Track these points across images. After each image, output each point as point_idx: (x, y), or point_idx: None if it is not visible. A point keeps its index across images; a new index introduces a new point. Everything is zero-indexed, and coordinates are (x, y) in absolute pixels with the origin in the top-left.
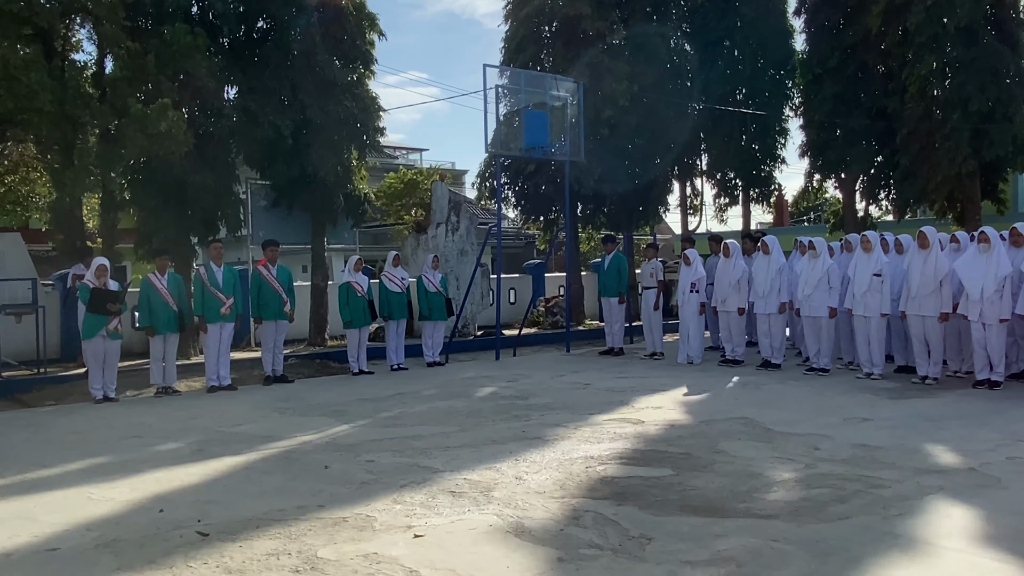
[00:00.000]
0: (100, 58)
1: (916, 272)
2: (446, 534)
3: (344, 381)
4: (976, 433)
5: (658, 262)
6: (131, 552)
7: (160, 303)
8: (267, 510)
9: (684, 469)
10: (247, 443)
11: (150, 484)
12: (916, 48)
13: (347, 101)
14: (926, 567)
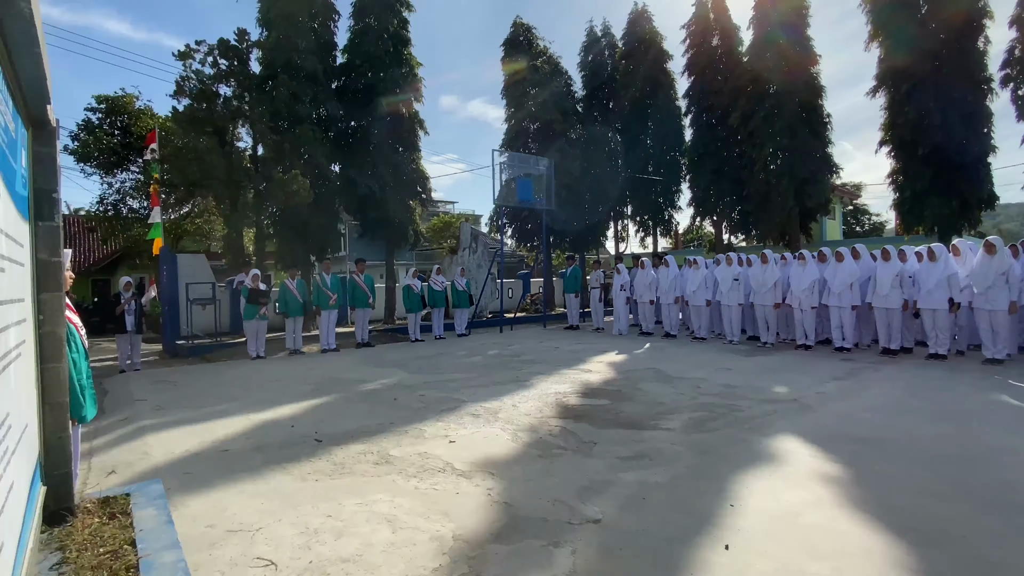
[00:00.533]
0: (254, 145)
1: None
2: (470, 440)
3: (406, 346)
4: (798, 378)
5: (600, 272)
6: (273, 451)
7: (292, 298)
8: (358, 426)
9: (616, 400)
10: (346, 384)
11: (285, 410)
12: (759, 139)
13: (406, 173)
14: (767, 459)
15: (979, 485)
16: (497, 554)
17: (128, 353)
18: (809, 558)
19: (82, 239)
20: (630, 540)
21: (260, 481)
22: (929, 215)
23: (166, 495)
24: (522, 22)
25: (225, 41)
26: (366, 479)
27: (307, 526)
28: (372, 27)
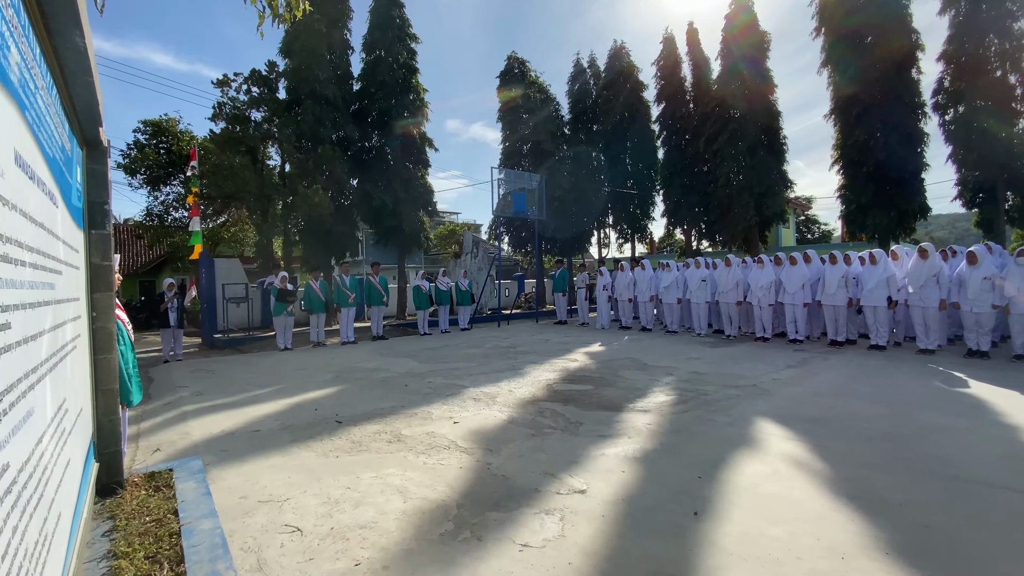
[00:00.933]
0: (282, 163)
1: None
2: (471, 421)
3: (415, 339)
4: (756, 366)
5: (586, 274)
6: (300, 431)
7: (315, 297)
8: (373, 409)
9: (599, 385)
10: (363, 373)
11: (310, 394)
12: (723, 158)
13: (417, 188)
14: (730, 436)
15: (914, 459)
16: (495, 520)
17: (171, 345)
18: (768, 523)
19: (131, 245)
20: (611, 508)
21: (287, 457)
22: (871, 224)
23: (205, 470)
24: (516, 56)
25: (257, 72)
26: (380, 455)
27: (329, 497)
28: (383, 58)
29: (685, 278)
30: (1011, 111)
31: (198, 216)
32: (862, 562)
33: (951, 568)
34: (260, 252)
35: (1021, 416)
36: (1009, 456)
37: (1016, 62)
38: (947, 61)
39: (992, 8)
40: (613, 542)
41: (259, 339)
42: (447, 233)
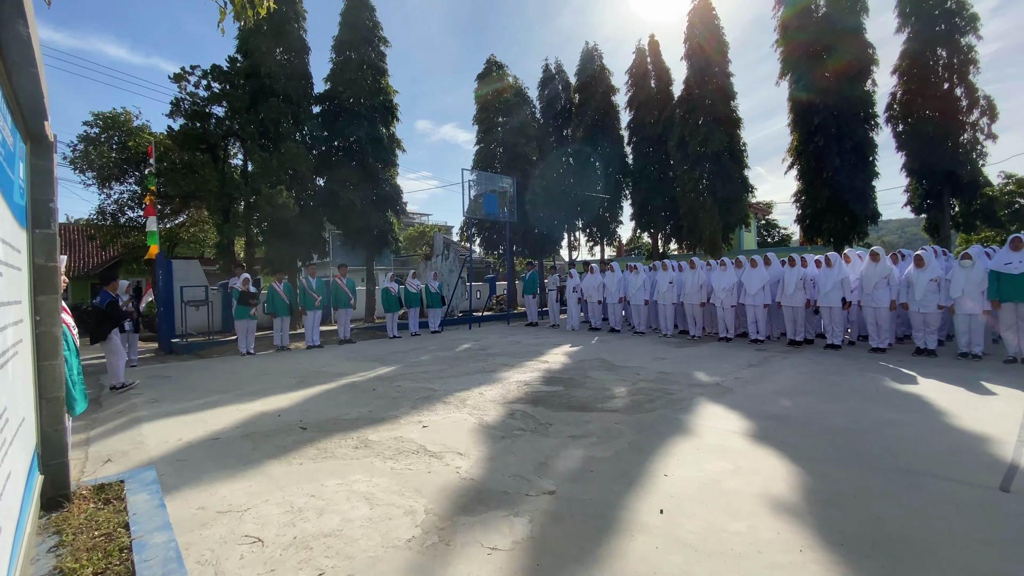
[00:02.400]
0: (245, 161)
1: (688, 281)
2: (441, 425)
3: (384, 342)
4: (720, 365)
5: (556, 276)
6: (262, 439)
7: (279, 299)
8: (339, 414)
9: (569, 386)
10: (329, 377)
11: (273, 401)
12: (689, 164)
13: (385, 187)
14: (694, 434)
15: (867, 453)
16: (464, 524)
17: (124, 350)
18: (729, 518)
19: (82, 245)
20: (579, 508)
21: (249, 466)
22: (826, 228)
23: (159, 481)
24: (494, 59)
25: (218, 67)
26: (346, 462)
27: (292, 505)
28: (352, 59)
29: (653, 280)
30: (957, 122)
31: (155, 215)
32: (819, 554)
33: (902, 557)
34: (221, 253)
35: (964, 411)
36: (954, 449)
37: (962, 75)
38: (900, 75)
39: (942, 24)
40: (581, 542)
41: (219, 343)
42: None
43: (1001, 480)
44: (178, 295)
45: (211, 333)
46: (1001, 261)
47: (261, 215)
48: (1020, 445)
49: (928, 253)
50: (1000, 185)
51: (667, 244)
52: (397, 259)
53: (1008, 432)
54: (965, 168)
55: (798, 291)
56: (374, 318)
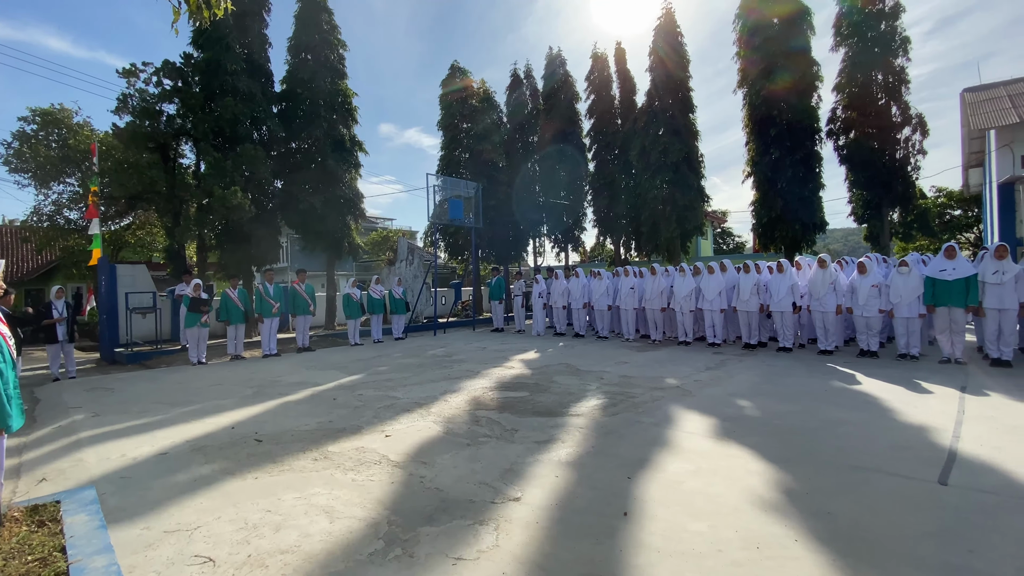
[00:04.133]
0: (197, 161)
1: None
2: (404, 434)
3: (345, 350)
4: (680, 368)
5: (522, 282)
6: (214, 452)
7: (233, 306)
8: (297, 425)
9: (534, 391)
10: (287, 387)
11: (226, 412)
12: (650, 173)
13: (345, 191)
14: (656, 436)
15: (818, 451)
16: (428, 535)
17: (60, 361)
18: (691, 518)
19: (15, 249)
20: (545, 514)
21: (199, 481)
22: (779, 236)
23: (99, 500)
24: (459, 65)
25: (171, 63)
26: (305, 475)
27: (246, 522)
28: (308, 61)
29: (615, 286)
30: (892, 138)
31: (97, 217)
32: (775, 550)
33: (853, 550)
34: (171, 258)
35: (905, 409)
36: (896, 445)
37: (897, 94)
38: (840, 91)
39: (877, 46)
40: (546, 548)
41: (168, 353)
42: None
43: (939, 474)
44: (123, 302)
45: (159, 342)
46: (935, 268)
47: (215, 218)
48: (955, 441)
49: (870, 260)
50: (933, 197)
51: (629, 250)
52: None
53: (944, 428)
54: (900, 181)
55: (752, 296)
56: (335, 325)
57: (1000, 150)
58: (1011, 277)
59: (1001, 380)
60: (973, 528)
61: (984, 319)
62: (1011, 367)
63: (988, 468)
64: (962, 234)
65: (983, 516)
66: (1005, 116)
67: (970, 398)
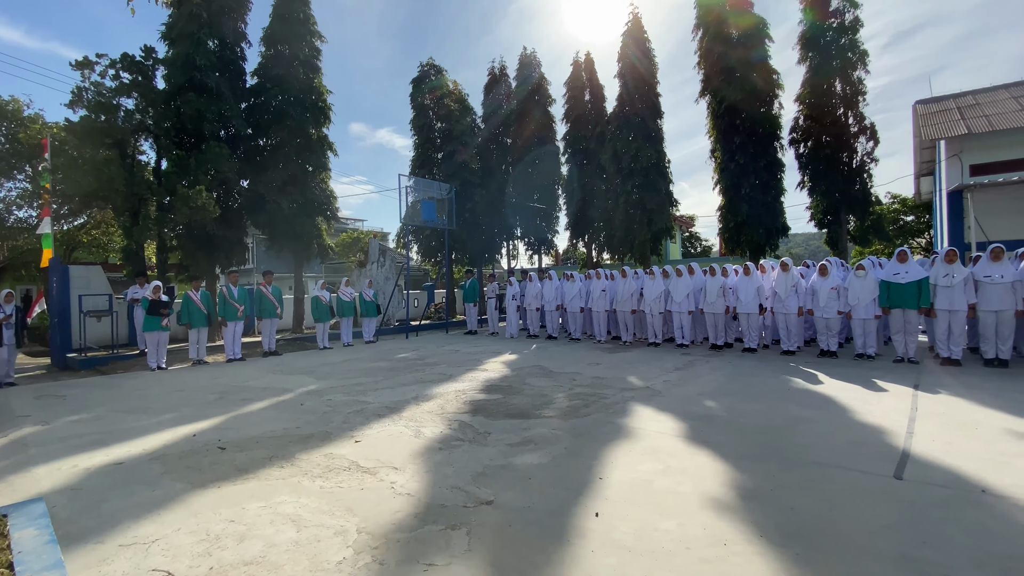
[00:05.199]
0: (158, 159)
1: (620, 289)
2: (375, 439)
3: (314, 354)
4: (649, 369)
5: (496, 284)
6: (173, 461)
7: (196, 308)
8: (263, 432)
9: (508, 394)
10: (252, 392)
11: (187, 420)
12: (621, 178)
13: (315, 191)
14: (627, 437)
15: (782, 448)
16: (399, 541)
17: (4, 368)
18: (661, 517)
19: None
20: (518, 516)
21: (157, 492)
22: (744, 240)
23: (49, 514)
24: (432, 62)
25: (129, 56)
26: (271, 482)
27: (208, 533)
28: (283, 54)
29: (587, 288)
30: (849, 147)
31: (49, 216)
32: (741, 546)
33: (814, 544)
34: (128, 259)
35: (862, 406)
36: (855, 442)
37: (854, 105)
38: (801, 102)
39: (837, 59)
40: (519, 551)
41: (125, 358)
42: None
43: (895, 469)
44: (76, 304)
45: (115, 347)
46: (890, 272)
47: (176, 217)
48: (909, 437)
49: (831, 264)
50: (888, 204)
51: (601, 253)
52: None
53: (899, 425)
54: (857, 188)
55: (719, 299)
56: (303, 328)
57: (950, 160)
58: (960, 280)
59: (951, 378)
60: (927, 520)
61: (935, 320)
62: (960, 366)
63: (940, 463)
64: (914, 239)
65: (936, 509)
66: (954, 127)
67: (923, 395)
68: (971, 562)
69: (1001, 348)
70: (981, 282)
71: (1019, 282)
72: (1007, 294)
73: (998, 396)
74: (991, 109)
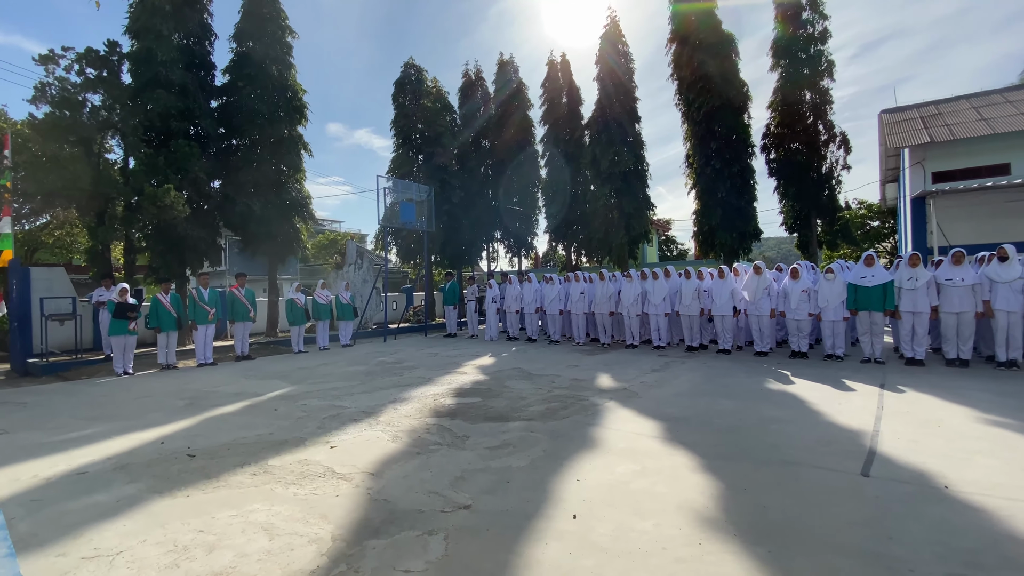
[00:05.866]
0: (125, 157)
1: (599, 292)
2: (351, 445)
3: (289, 358)
4: (627, 371)
5: (475, 287)
6: (140, 470)
7: (165, 312)
8: (235, 438)
9: (486, 397)
10: (223, 398)
11: (155, 426)
12: (600, 181)
13: (292, 192)
14: (605, 438)
15: (754, 448)
16: (375, 548)
17: None
18: (638, 518)
19: None
20: (496, 520)
21: (122, 502)
22: (718, 244)
23: (7, 525)
24: (413, 63)
25: (94, 51)
26: (242, 490)
27: (176, 543)
28: (255, 50)
29: (567, 291)
30: (818, 154)
31: (10, 216)
32: (715, 545)
33: (785, 541)
34: (94, 260)
35: (831, 406)
36: (823, 440)
37: (823, 114)
38: (773, 110)
39: (806, 68)
40: (497, 555)
41: (90, 363)
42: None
43: (862, 466)
44: (37, 308)
45: (80, 351)
46: (856, 275)
47: (144, 217)
48: (876, 435)
49: (802, 267)
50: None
51: (580, 256)
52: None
53: (866, 423)
54: (826, 194)
55: (694, 301)
56: (277, 332)
57: (913, 167)
58: (923, 283)
59: (915, 378)
60: (892, 516)
61: (900, 321)
62: (924, 366)
63: (905, 460)
64: (880, 243)
65: (901, 505)
66: (918, 136)
67: (888, 395)
68: (934, 556)
69: (962, 348)
70: (943, 285)
71: (979, 285)
72: (967, 296)
73: (959, 395)
74: (952, 119)
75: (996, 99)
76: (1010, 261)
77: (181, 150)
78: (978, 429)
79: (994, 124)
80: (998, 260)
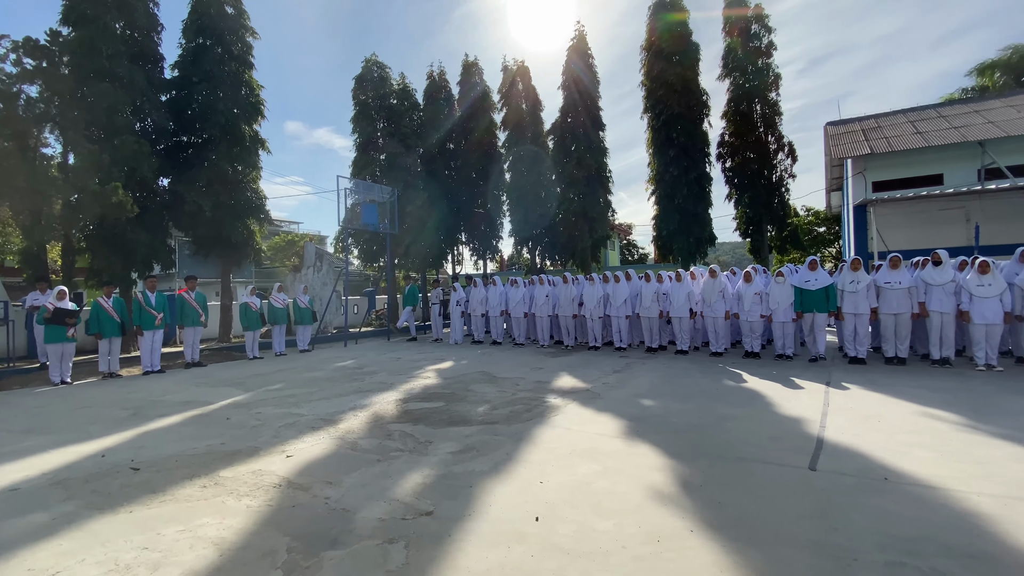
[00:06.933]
0: (64, 152)
1: (562, 295)
2: (308, 453)
3: (242, 364)
4: (589, 372)
5: (439, 290)
6: (79, 485)
7: (107, 317)
8: (183, 449)
9: (450, 401)
10: (171, 407)
11: (96, 439)
12: (564, 185)
13: (247, 192)
14: (568, 439)
15: (710, 445)
16: (332, 559)
17: None
18: (599, 518)
19: None
20: (458, 526)
21: (59, 520)
22: (676, 248)
23: None
24: (376, 59)
25: (32, 40)
26: (191, 504)
27: (117, 562)
28: (208, 47)
29: (531, 294)
30: (769, 163)
31: None
32: (674, 542)
33: (739, 535)
34: (28, 262)
35: (781, 403)
36: (775, 437)
37: (773, 125)
38: (727, 120)
39: (755, 81)
40: (458, 561)
41: (23, 372)
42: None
43: (810, 461)
44: None
45: (11, 359)
46: (801, 279)
47: (86, 216)
48: (822, 430)
49: (756, 271)
50: (803, 216)
51: (544, 259)
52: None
53: (813, 419)
54: (777, 201)
55: (653, 303)
56: (230, 338)
57: (855, 177)
58: (864, 286)
59: (857, 375)
60: (837, 508)
61: (843, 322)
62: (865, 364)
63: (849, 453)
64: (826, 249)
65: (845, 497)
66: (859, 147)
67: (833, 392)
68: (875, 546)
69: (900, 347)
70: (882, 288)
71: (915, 288)
72: (904, 299)
73: (898, 391)
74: (891, 132)
75: (931, 114)
76: (943, 265)
77: (127, 146)
78: (915, 423)
79: (928, 137)
80: (932, 264)
